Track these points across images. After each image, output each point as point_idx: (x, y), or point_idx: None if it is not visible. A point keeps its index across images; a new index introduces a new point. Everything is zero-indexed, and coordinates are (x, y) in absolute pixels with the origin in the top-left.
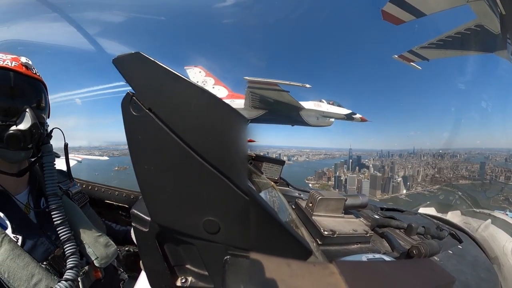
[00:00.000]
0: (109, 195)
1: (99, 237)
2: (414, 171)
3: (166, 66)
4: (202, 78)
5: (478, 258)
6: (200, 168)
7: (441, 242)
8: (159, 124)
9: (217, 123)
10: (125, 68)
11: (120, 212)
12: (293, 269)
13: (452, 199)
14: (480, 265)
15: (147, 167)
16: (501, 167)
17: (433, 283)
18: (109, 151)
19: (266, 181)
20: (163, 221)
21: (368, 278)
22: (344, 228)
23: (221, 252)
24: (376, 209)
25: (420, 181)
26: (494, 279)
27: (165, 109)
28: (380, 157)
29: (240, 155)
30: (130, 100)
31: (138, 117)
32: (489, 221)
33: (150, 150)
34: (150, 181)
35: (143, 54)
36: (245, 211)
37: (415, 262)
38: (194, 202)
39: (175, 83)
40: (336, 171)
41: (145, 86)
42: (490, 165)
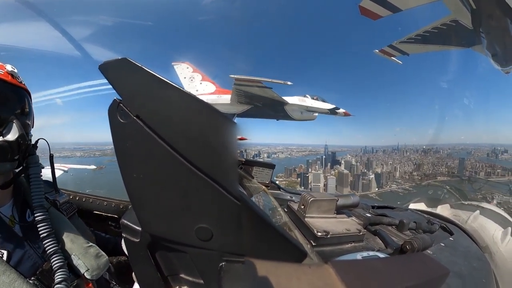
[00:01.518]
0: (97, 205)
1: (89, 247)
2: (393, 167)
3: (153, 72)
4: (190, 74)
5: (469, 248)
6: (190, 175)
7: (433, 236)
8: (147, 131)
9: (206, 129)
10: (112, 74)
11: (109, 223)
12: (289, 271)
13: (440, 194)
14: (472, 255)
15: (136, 175)
16: (482, 162)
17: (428, 276)
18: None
19: (257, 186)
20: (155, 230)
21: (364, 276)
22: (337, 228)
23: (215, 259)
24: (368, 208)
25: (398, 178)
26: (487, 267)
27: (153, 116)
28: (364, 153)
29: (230, 160)
30: (117, 107)
31: (126, 124)
32: (477, 212)
33: (138, 158)
34: (140, 190)
35: (130, 60)
36: (237, 217)
37: (409, 257)
38: (185, 209)
39: (163, 89)
40: (308, 168)
41: (132, 92)
42: (471, 161)
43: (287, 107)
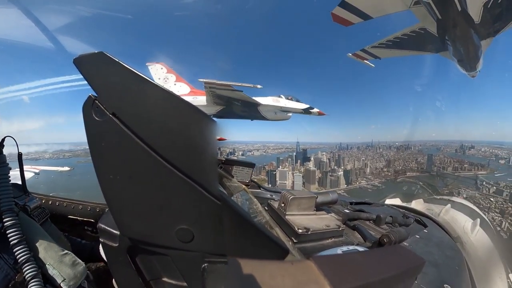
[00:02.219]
0: (72, 209)
1: (64, 256)
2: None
3: (131, 68)
4: (164, 75)
5: (442, 239)
6: (169, 175)
7: (408, 229)
8: (124, 129)
9: (185, 127)
10: (87, 68)
11: (85, 228)
12: (272, 269)
13: (414, 189)
14: (445, 245)
15: (113, 176)
16: (451, 157)
17: (405, 266)
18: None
19: (237, 185)
20: (133, 233)
21: (345, 269)
22: (317, 225)
23: (197, 260)
24: (346, 204)
25: (368, 174)
26: (459, 256)
27: (131, 114)
28: (339, 149)
29: (210, 159)
30: (92, 104)
31: (101, 122)
32: (448, 206)
33: (115, 158)
34: (117, 191)
35: (107, 54)
36: (218, 216)
37: (386, 250)
38: (165, 211)
39: (141, 86)
40: (279, 165)
41: (108, 88)
42: (440, 156)
43: (260, 107)
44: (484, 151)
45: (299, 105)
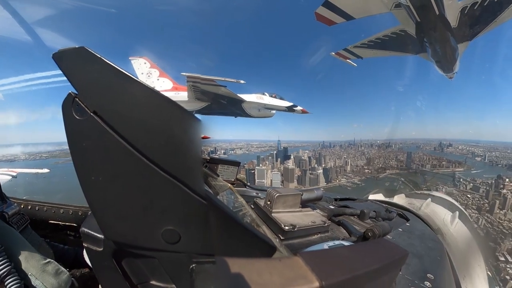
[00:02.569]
0: (53, 214)
1: (46, 264)
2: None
3: (113, 64)
4: (147, 70)
5: (424, 231)
6: (153, 175)
7: (391, 222)
8: (106, 129)
9: (169, 126)
10: (67, 64)
11: (68, 233)
12: (260, 267)
13: (396, 185)
14: (426, 237)
15: (95, 178)
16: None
17: (390, 258)
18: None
19: (223, 183)
20: (118, 237)
21: (332, 263)
22: (303, 221)
23: (185, 261)
24: (331, 200)
25: (349, 172)
26: (440, 247)
27: (113, 112)
28: (322, 147)
29: (195, 158)
30: (73, 102)
31: (82, 121)
32: (429, 200)
33: (96, 158)
34: (99, 193)
35: (89, 50)
36: (204, 216)
37: (371, 243)
38: (150, 212)
39: (124, 83)
40: (259, 164)
41: (89, 86)
42: (419, 154)
43: (244, 104)
44: (461, 149)
45: (283, 102)
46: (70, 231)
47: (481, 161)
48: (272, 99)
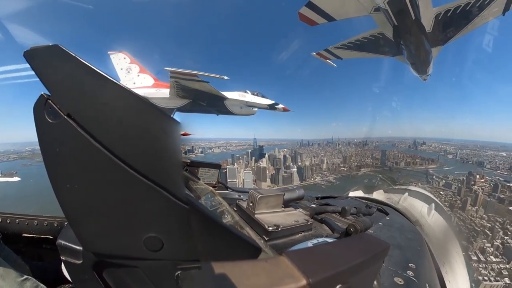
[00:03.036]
0: (26, 226)
1: (24, 281)
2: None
3: (89, 64)
4: (127, 65)
5: (403, 224)
6: (132, 181)
7: (372, 217)
8: (81, 133)
9: (147, 129)
10: (40, 63)
11: (44, 246)
12: (247, 269)
13: (374, 181)
14: (406, 229)
15: (70, 186)
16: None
17: (372, 252)
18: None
19: (204, 187)
20: (98, 247)
21: (317, 260)
22: (286, 221)
23: (170, 269)
24: (312, 199)
25: (324, 170)
26: (419, 237)
27: (88, 115)
28: (301, 146)
29: (174, 162)
30: (45, 104)
31: (55, 125)
32: (406, 194)
33: (71, 165)
34: (76, 202)
35: (63, 48)
36: (187, 221)
37: (354, 238)
38: (130, 220)
39: (100, 84)
40: (234, 162)
41: (63, 87)
42: (394, 152)
43: (227, 102)
44: (434, 147)
45: (264, 100)
46: (46, 245)
47: (453, 158)
48: (254, 97)
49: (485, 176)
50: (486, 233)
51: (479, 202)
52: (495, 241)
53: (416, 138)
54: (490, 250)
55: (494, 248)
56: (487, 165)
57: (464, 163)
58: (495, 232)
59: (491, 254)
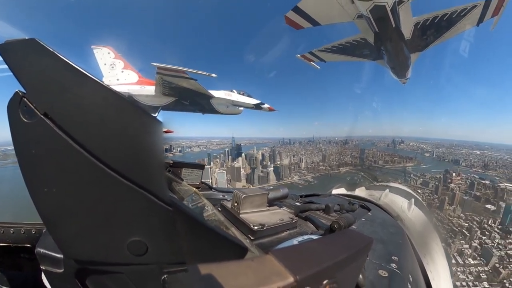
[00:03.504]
0: (1, 235)
1: None
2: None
3: (68, 60)
4: (111, 61)
5: (385, 219)
6: (113, 183)
7: (355, 214)
8: (59, 133)
9: (129, 129)
10: (15, 58)
11: (22, 256)
12: (234, 269)
13: (356, 179)
14: (388, 224)
15: (47, 189)
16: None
17: (357, 247)
18: None
19: (188, 188)
20: (79, 254)
21: (303, 257)
22: (271, 220)
23: (156, 273)
24: (296, 197)
25: (303, 169)
26: (401, 231)
27: (66, 114)
28: (282, 144)
29: (157, 163)
30: (20, 102)
31: (31, 125)
32: (387, 190)
33: (48, 167)
34: (54, 207)
35: (40, 42)
36: (171, 223)
37: (338, 234)
38: (112, 224)
39: (80, 82)
40: (210, 162)
41: (40, 84)
42: (373, 151)
43: (213, 100)
44: (412, 145)
45: (250, 100)
46: (25, 254)
47: (430, 156)
48: (240, 96)
49: (461, 173)
50: (464, 233)
51: (457, 201)
52: (473, 241)
53: (395, 137)
54: (468, 252)
55: (472, 249)
56: (463, 163)
57: (441, 161)
58: (473, 232)
59: (469, 256)
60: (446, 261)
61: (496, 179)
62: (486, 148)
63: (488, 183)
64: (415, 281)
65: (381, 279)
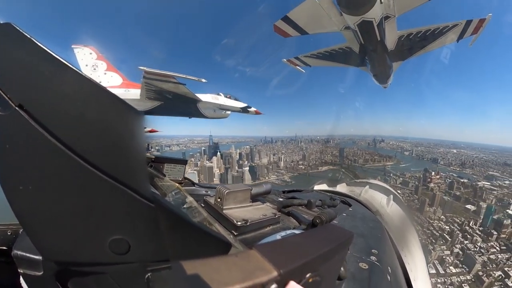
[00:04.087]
0: None
1: None
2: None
3: (46, 47)
4: (93, 61)
5: (365, 214)
6: (92, 179)
7: (336, 209)
8: (35, 126)
9: (110, 122)
10: None
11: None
12: (218, 265)
13: (338, 175)
14: (368, 219)
15: (23, 187)
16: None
17: (338, 241)
18: None
19: (170, 184)
20: (59, 255)
21: (286, 252)
22: (254, 215)
23: (139, 271)
24: (279, 193)
25: (282, 168)
26: (380, 225)
27: (42, 106)
28: (264, 143)
29: (139, 158)
30: None
31: (4, 117)
32: (367, 187)
33: (24, 163)
34: (30, 206)
35: (16, 27)
36: (153, 220)
37: (320, 229)
38: (92, 222)
39: (58, 72)
40: None
41: (15, 73)
42: (354, 149)
43: (200, 104)
44: (392, 144)
45: (237, 103)
46: (0, 257)
47: (409, 155)
48: (227, 100)
49: (440, 172)
50: (445, 237)
51: (437, 202)
52: (454, 247)
53: (375, 136)
54: (450, 259)
55: (454, 255)
56: (441, 162)
57: (420, 159)
58: (454, 236)
59: (451, 264)
60: (422, 254)
61: (473, 177)
62: (462, 147)
63: (466, 182)
64: (394, 273)
65: (361, 271)
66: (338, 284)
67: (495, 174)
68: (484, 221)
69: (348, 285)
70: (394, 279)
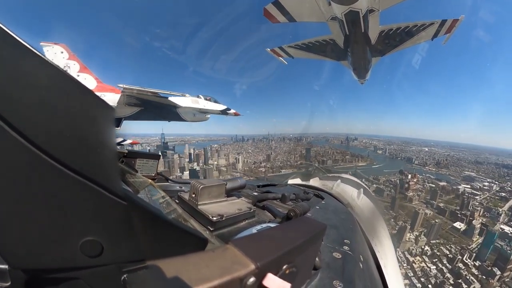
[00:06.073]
0: None
1: None
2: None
3: (6, 28)
4: (64, 61)
5: (337, 207)
6: (59, 176)
7: (309, 202)
8: None
9: (76, 114)
10: None
11: None
12: (195, 261)
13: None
14: (340, 211)
15: None
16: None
17: (312, 232)
18: None
19: (143, 180)
20: (26, 263)
21: (263, 245)
22: (230, 210)
23: (114, 273)
24: (254, 187)
25: (239, 170)
26: (351, 217)
27: (2, 97)
28: (235, 141)
29: (109, 153)
30: None
31: None
32: (339, 181)
33: None
34: None
35: None
36: (126, 219)
37: (294, 222)
38: (61, 223)
39: (16, 55)
40: None
41: None
42: (325, 148)
43: (180, 110)
44: (365, 142)
45: (217, 106)
46: None
47: (382, 153)
48: (207, 103)
49: (416, 175)
50: None
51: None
52: None
53: (349, 134)
54: None
55: None
56: (415, 161)
57: (394, 159)
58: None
59: None
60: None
61: (451, 179)
62: (432, 145)
63: (446, 186)
64: (365, 260)
65: (335, 260)
66: (314, 273)
67: (471, 174)
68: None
69: (323, 274)
70: (366, 267)
